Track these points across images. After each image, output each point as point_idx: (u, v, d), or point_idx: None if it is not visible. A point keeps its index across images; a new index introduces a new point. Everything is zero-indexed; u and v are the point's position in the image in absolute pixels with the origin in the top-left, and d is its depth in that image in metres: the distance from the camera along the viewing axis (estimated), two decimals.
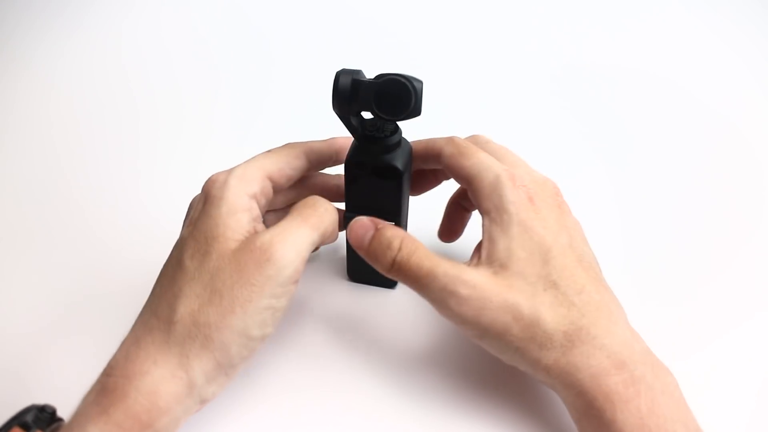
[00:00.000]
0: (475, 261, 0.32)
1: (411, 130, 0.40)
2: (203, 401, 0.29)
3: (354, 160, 0.34)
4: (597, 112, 0.60)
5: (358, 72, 0.31)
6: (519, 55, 0.69)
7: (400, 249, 0.31)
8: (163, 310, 0.28)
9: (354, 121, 0.33)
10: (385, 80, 0.29)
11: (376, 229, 0.32)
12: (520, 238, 0.31)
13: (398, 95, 0.30)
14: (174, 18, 0.73)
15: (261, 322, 0.29)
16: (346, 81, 0.30)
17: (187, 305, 0.28)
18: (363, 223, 0.33)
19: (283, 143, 0.35)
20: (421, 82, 0.30)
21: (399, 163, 0.33)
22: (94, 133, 0.57)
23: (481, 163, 0.33)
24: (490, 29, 0.74)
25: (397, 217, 0.36)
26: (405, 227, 0.38)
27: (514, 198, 0.31)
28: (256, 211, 0.31)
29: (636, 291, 0.41)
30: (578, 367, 0.29)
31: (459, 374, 0.36)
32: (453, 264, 0.31)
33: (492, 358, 0.32)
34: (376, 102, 0.30)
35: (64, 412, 0.28)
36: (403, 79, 0.29)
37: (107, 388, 0.27)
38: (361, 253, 0.33)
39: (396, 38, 0.71)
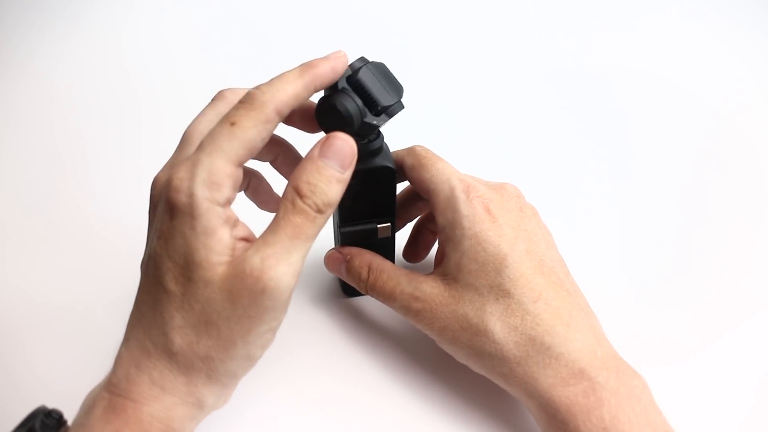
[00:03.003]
0: (433, 272, 0.34)
1: (408, 133, 0.41)
2: (213, 410, 0.29)
3: None
4: (596, 112, 0.60)
5: (343, 90, 0.30)
6: (518, 54, 0.69)
7: (368, 277, 0.35)
8: (157, 335, 0.26)
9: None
10: (376, 71, 0.29)
11: (347, 261, 0.36)
12: (472, 251, 0.31)
13: (391, 77, 0.29)
14: (175, 16, 0.73)
15: (263, 344, 0.28)
16: (351, 104, 0.28)
17: (184, 337, 0.26)
18: (335, 256, 0.37)
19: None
20: (364, 57, 0.30)
21: (389, 163, 0.33)
22: (96, 132, 0.57)
23: (439, 174, 0.33)
24: (487, 28, 0.73)
25: (392, 217, 0.36)
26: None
27: (467, 211, 0.31)
28: (233, 217, 0.27)
29: (635, 292, 0.43)
30: (535, 378, 0.30)
31: (452, 372, 0.37)
32: (410, 279, 0.34)
33: None
34: (388, 90, 0.29)
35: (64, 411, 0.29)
36: (380, 64, 0.29)
37: (116, 406, 0.26)
38: (344, 280, 0.37)
39: (393, 37, 0.71)
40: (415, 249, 0.41)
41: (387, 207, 0.36)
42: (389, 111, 0.30)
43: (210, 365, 0.27)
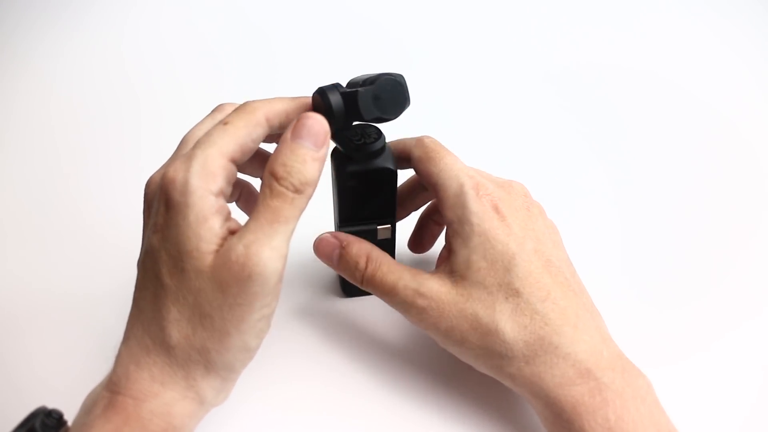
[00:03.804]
0: (438, 270, 0.33)
1: (407, 131, 0.41)
2: (214, 407, 0.29)
3: (349, 172, 0.33)
4: (596, 112, 0.60)
5: (336, 85, 0.31)
6: (518, 54, 0.69)
7: (366, 267, 0.34)
8: (155, 330, 0.27)
9: (344, 134, 0.33)
10: (380, 82, 0.29)
11: (342, 247, 0.34)
12: (481, 248, 0.31)
13: (394, 93, 0.30)
14: (175, 16, 0.73)
15: (257, 332, 0.28)
16: (337, 98, 0.30)
17: (181, 330, 0.26)
18: (329, 241, 0.35)
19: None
20: (401, 75, 0.30)
21: (390, 164, 0.33)
22: (96, 132, 0.57)
23: (448, 169, 0.33)
24: (487, 28, 0.73)
25: (392, 218, 0.36)
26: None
27: (476, 209, 0.31)
28: (226, 209, 0.28)
29: (636, 292, 0.42)
30: (542, 377, 0.30)
31: (454, 374, 0.37)
32: (414, 275, 0.33)
33: None
34: (377, 106, 0.29)
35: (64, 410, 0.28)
36: (393, 77, 0.30)
37: (116, 405, 0.26)
38: (333, 269, 0.35)
39: (393, 37, 0.71)
40: (421, 240, 0.41)
41: (387, 208, 0.36)
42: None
43: (207, 357, 0.27)
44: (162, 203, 0.27)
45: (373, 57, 0.68)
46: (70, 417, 0.28)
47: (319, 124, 0.27)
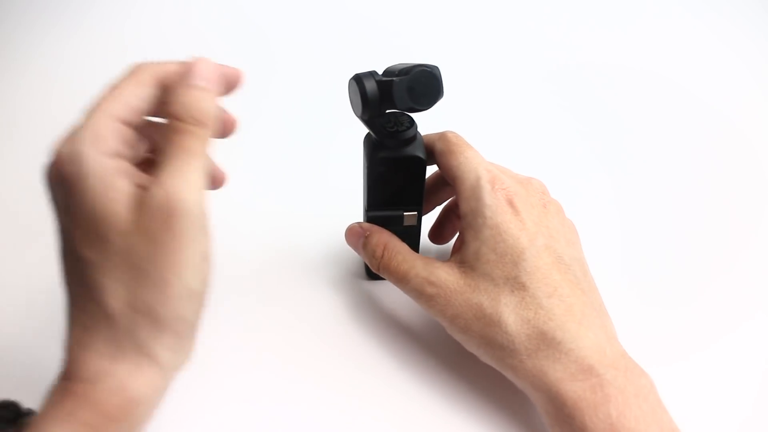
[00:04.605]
0: (450, 259, 0.34)
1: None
2: (178, 370, 0.28)
3: (380, 158, 0.34)
4: (596, 112, 0.60)
5: (372, 73, 0.32)
6: (517, 53, 0.69)
7: (382, 255, 0.36)
8: (91, 307, 0.26)
9: (377, 121, 0.34)
10: (415, 73, 0.30)
11: (365, 237, 0.37)
12: (491, 241, 0.32)
13: (428, 84, 0.31)
14: (176, 16, 0.73)
15: (197, 273, 0.27)
16: (372, 85, 0.31)
17: (118, 297, 0.25)
18: (355, 230, 0.38)
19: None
20: (437, 67, 0.31)
21: (420, 153, 0.34)
22: None
23: (467, 163, 0.34)
24: (486, 27, 0.73)
25: (419, 206, 0.37)
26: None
27: (490, 202, 0.32)
28: (129, 167, 0.27)
29: (634, 292, 0.43)
30: (544, 371, 0.30)
31: (460, 362, 0.37)
32: (426, 264, 0.34)
33: None
34: (411, 96, 0.31)
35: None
36: (428, 68, 0.31)
37: (69, 391, 0.26)
38: (359, 254, 0.38)
39: (393, 35, 0.71)
40: (441, 231, 0.42)
41: (415, 196, 0.37)
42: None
43: (153, 315, 0.26)
44: (59, 182, 0.26)
45: (372, 56, 0.68)
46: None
47: (205, 63, 0.28)
